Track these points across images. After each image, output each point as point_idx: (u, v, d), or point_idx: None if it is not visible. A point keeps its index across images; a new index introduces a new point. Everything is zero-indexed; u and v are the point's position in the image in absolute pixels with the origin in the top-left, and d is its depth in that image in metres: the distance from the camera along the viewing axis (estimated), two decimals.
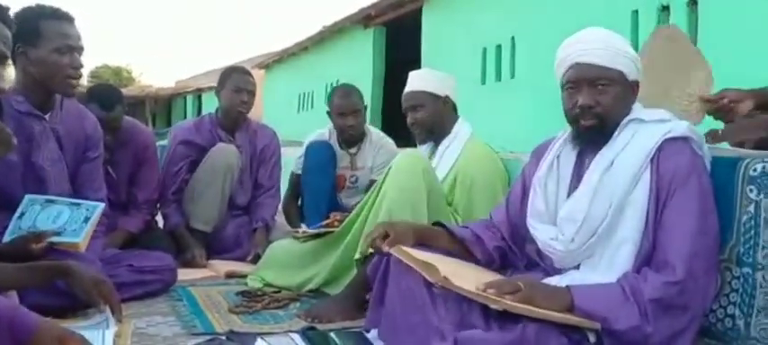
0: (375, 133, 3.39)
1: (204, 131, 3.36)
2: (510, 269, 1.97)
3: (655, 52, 2.14)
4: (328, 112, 3.30)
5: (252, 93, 3.32)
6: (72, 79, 2.25)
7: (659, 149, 1.68)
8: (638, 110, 1.77)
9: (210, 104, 3.53)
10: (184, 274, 2.85)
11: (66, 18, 2.24)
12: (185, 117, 19.74)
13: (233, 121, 3.35)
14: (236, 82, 3.29)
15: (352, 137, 3.29)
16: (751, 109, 2.07)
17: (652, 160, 1.68)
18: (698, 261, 1.57)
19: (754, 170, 1.68)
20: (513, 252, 1.97)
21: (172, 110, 24.78)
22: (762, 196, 1.65)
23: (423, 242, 1.93)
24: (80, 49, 2.26)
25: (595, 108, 1.71)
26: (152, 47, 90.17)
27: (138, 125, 3.24)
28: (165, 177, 3.29)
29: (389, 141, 3.38)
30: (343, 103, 3.22)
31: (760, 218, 1.65)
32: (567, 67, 1.75)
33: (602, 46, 1.71)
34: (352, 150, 3.33)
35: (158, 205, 3.28)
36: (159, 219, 3.36)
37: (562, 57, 1.78)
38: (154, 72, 62.37)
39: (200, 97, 21.38)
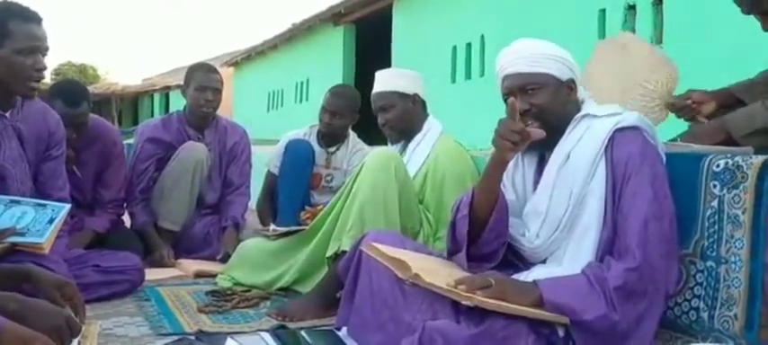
0: (353, 137, 3.40)
1: (172, 129, 3.32)
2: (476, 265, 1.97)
3: (598, 63, 2.19)
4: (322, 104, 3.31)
5: (217, 91, 3.29)
6: (33, 81, 2.20)
7: (611, 139, 1.72)
8: (589, 106, 1.82)
9: (178, 103, 3.50)
10: (152, 274, 2.81)
11: (34, 19, 2.19)
12: (152, 115, 19.44)
13: (200, 119, 3.31)
14: (200, 80, 3.25)
15: (325, 135, 3.29)
16: (714, 110, 2.12)
17: (605, 150, 1.72)
18: (653, 247, 1.61)
19: (717, 166, 1.72)
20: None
21: (138, 108, 24.39)
22: (724, 191, 1.69)
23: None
24: (45, 51, 2.21)
25: (531, 110, 1.77)
26: (118, 44, 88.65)
27: (104, 123, 3.19)
28: (132, 175, 3.24)
29: (365, 146, 3.39)
30: (329, 101, 3.23)
31: (723, 213, 1.69)
32: (501, 81, 1.84)
33: (524, 54, 1.80)
34: (331, 149, 3.32)
35: (125, 204, 3.23)
36: (126, 219, 3.30)
37: (497, 73, 1.86)
38: (120, 69, 61.41)
39: (167, 95, 21.08)
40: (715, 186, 1.71)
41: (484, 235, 1.80)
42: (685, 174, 1.77)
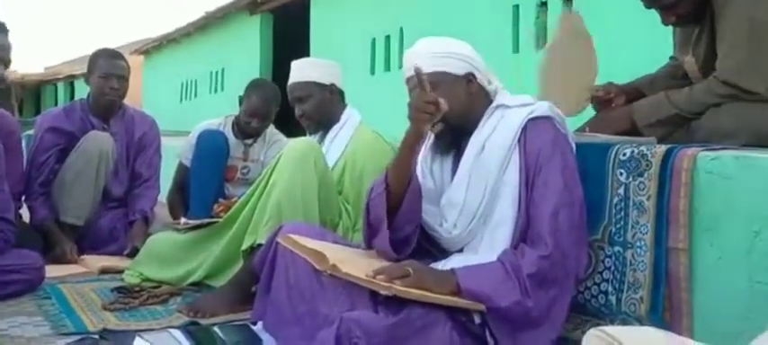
0: (271, 128, 3.31)
1: (75, 118, 3.16)
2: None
3: (562, 42, 2.23)
4: (240, 98, 3.18)
5: (123, 79, 3.16)
6: None
7: (524, 129, 1.76)
8: (502, 96, 1.84)
9: (84, 92, 3.33)
10: (53, 271, 2.67)
11: (2, 30, 2.03)
12: (56, 105, 18.51)
13: (105, 108, 3.17)
14: (104, 67, 3.11)
15: (250, 136, 3.20)
16: (623, 104, 2.20)
17: (519, 140, 1.75)
18: (564, 235, 1.65)
19: (624, 155, 1.78)
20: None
21: (41, 97, 23.19)
22: (631, 179, 1.75)
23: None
24: (8, 63, 2.06)
25: None
26: (18, 30, 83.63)
27: (0, 110, 2.99)
28: (31, 167, 3.07)
29: (283, 138, 3.32)
30: (256, 104, 3.08)
31: (629, 200, 1.76)
32: (406, 83, 1.86)
33: (420, 55, 1.81)
34: (248, 141, 3.23)
35: (23, 198, 3.05)
36: (25, 213, 3.12)
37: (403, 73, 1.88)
38: (20, 57, 57.88)
39: (72, 84, 20.15)
40: (622, 174, 1.78)
41: (397, 219, 1.79)
42: (594, 163, 1.82)
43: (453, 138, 1.82)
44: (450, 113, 1.74)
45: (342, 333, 1.49)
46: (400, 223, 1.79)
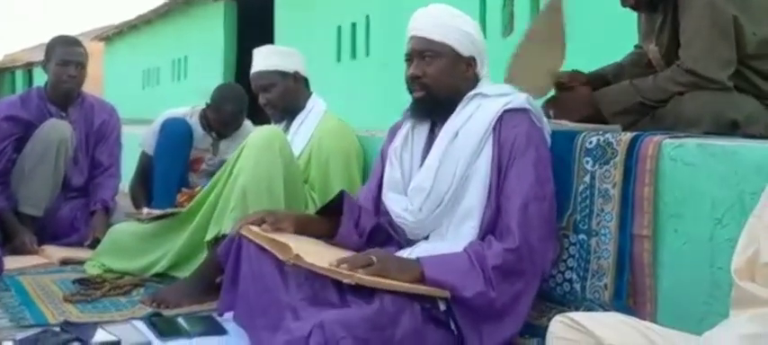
0: None
1: (32, 106, 3.08)
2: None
3: (542, 22, 2.22)
4: (208, 103, 3.12)
5: (81, 66, 3.08)
6: None
7: (500, 120, 1.76)
8: (483, 85, 1.84)
9: (43, 81, 3.24)
10: (13, 262, 2.61)
11: None
12: (15, 93, 18.04)
13: (63, 96, 3.10)
14: (61, 54, 3.04)
15: (222, 136, 3.17)
16: (585, 91, 2.21)
17: (493, 130, 1.76)
18: (532, 229, 1.66)
19: (590, 143, 1.80)
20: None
21: None
22: (596, 167, 1.77)
23: (303, 230, 1.87)
24: None
25: (422, 78, 1.81)
26: None
27: None
28: None
29: (249, 124, 3.27)
30: (227, 110, 3.06)
31: (594, 188, 1.77)
32: (407, 41, 1.85)
33: (434, 20, 1.81)
34: (215, 135, 3.18)
35: None
36: None
37: (407, 31, 1.87)
38: None
39: (30, 72, 19.69)
40: (588, 162, 1.79)
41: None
42: (560, 151, 1.83)
43: (432, 109, 1.83)
44: (438, 85, 1.76)
45: (328, 338, 1.44)
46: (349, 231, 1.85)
